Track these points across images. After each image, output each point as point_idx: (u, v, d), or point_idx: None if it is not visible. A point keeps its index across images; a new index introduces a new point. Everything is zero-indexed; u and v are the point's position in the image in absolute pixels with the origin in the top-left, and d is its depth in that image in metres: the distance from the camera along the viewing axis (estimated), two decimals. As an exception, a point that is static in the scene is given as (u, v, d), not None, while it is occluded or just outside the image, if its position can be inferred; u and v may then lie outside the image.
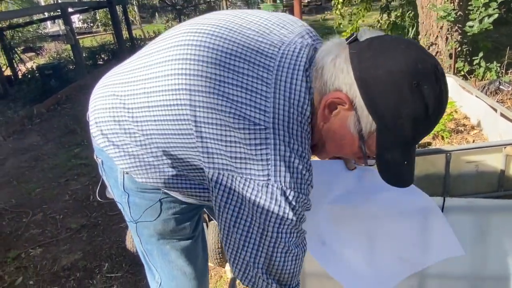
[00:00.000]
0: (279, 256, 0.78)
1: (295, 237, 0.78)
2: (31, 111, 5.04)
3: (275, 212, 0.75)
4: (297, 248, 0.80)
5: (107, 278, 2.04)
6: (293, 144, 0.73)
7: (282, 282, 0.81)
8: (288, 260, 0.79)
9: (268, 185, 0.73)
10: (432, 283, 1.25)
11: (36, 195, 3.07)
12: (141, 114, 0.81)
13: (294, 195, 0.74)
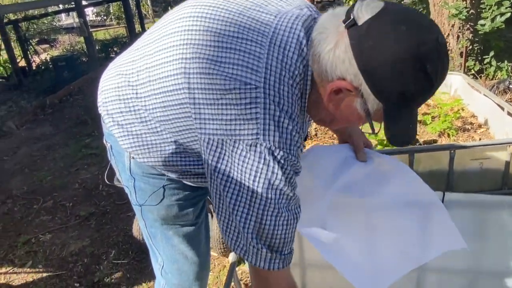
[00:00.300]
0: (269, 219, 0.77)
1: (285, 200, 0.77)
2: (44, 101, 5.13)
3: (264, 172, 0.74)
4: (288, 212, 0.79)
5: (113, 265, 2.09)
6: (282, 105, 0.73)
7: (273, 248, 0.79)
8: (278, 224, 0.78)
9: (257, 144, 0.73)
10: (431, 277, 1.26)
11: (47, 183, 3.14)
12: (144, 90, 0.84)
13: (283, 155, 0.74)
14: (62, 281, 2.04)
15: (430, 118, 2.13)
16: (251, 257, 0.80)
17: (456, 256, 1.20)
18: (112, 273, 2.03)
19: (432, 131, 2.00)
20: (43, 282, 2.03)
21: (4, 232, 2.53)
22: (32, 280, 2.06)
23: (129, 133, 0.90)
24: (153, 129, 0.87)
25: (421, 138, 2.04)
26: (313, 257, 1.28)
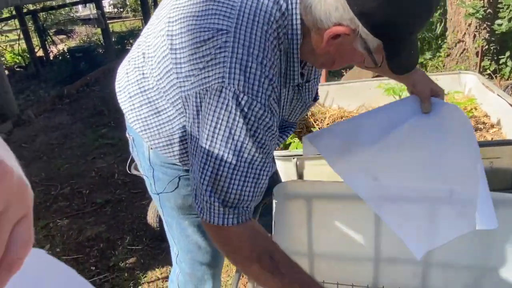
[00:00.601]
0: (225, 171, 0.74)
1: (246, 154, 0.74)
2: (62, 91, 5.24)
3: (225, 120, 0.72)
4: (250, 166, 0.75)
5: (128, 250, 2.16)
6: (252, 49, 0.72)
7: (227, 204, 0.76)
8: (235, 178, 0.75)
9: (222, 89, 0.72)
10: (437, 272, 1.29)
11: (64, 171, 3.23)
12: (147, 68, 0.87)
13: (248, 101, 0.72)
14: (79, 264, 2.12)
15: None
16: (205, 214, 0.78)
17: (462, 252, 1.23)
18: (126, 258, 2.10)
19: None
20: (61, 265, 2.11)
21: (24, 216, 2.62)
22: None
23: (139, 118, 0.94)
24: (159, 108, 0.88)
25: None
26: (321, 248, 1.32)
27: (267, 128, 0.76)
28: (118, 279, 1.96)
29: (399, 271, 1.29)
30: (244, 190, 0.76)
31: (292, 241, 1.32)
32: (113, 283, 1.93)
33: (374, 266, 1.31)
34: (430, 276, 1.29)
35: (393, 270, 1.30)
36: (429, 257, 1.25)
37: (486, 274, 1.25)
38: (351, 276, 1.33)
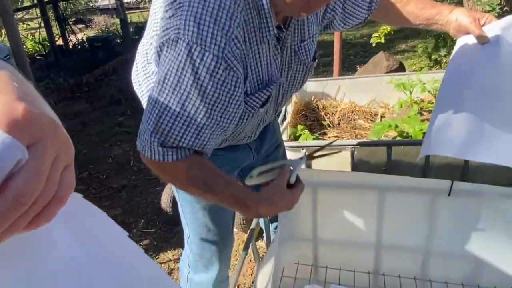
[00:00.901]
0: (167, 118, 0.76)
1: (191, 105, 0.76)
2: (81, 80, 5.38)
3: (175, 68, 0.74)
4: (192, 118, 0.77)
5: (142, 233, 2.26)
6: (208, 4, 0.73)
7: (165, 145, 0.79)
8: (177, 125, 0.77)
9: (178, 39, 0.74)
10: (437, 261, 1.34)
11: (82, 156, 3.35)
12: (150, 52, 0.94)
13: (200, 51, 0.73)
14: (96, 244, 2.23)
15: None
16: (146, 151, 0.81)
17: (462, 242, 1.28)
18: (140, 240, 2.20)
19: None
20: (79, 244, 2.22)
21: (44, 198, 2.75)
22: (70, 242, 2.26)
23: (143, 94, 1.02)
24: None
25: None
26: (325, 234, 1.38)
27: (221, 82, 0.76)
28: (132, 259, 2.05)
29: (400, 258, 1.35)
30: (184, 137, 0.79)
31: (298, 226, 1.38)
32: (128, 262, 2.03)
33: (376, 253, 1.37)
34: (429, 264, 1.34)
35: (394, 257, 1.35)
36: (429, 245, 1.31)
37: (485, 266, 1.30)
38: (353, 261, 1.38)
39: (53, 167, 0.29)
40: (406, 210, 1.28)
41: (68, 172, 0.31)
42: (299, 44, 0.97)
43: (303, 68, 1.03)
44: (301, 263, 1.42)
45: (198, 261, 1.24)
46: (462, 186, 1.21)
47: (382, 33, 3.79)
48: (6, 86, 0.29)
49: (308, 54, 1.01)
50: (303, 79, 1.07)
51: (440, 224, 1.27)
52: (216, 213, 1.20)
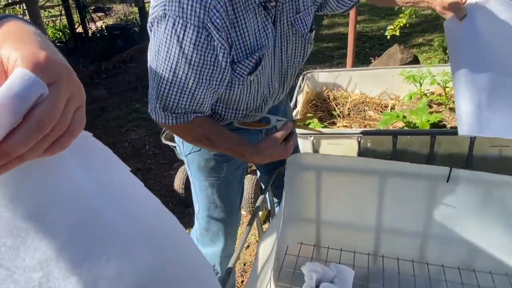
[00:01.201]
0: (164, 85, 0.89)
1: (181, 72, 0.86)
2: (100, 66, 5.51)
3: (164, 41, 0.84)
4: (184, 83, 0.88)
5: (155, 213, 2.37)
6: None
7: (166, 109, 0.93)
8: (172, 91, 0.89)
9: (165, 15, 0.83)
10: (434, 245, 1.39)
11: (100, 140, 3.47)
12: None
13: (183, 24, 0.81)
14: (112, 222, 2.34)
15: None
16: (153, 115, 0.96)
17: (457, 228, 1.34)
18: (154, 219, 2.30)
19: (459, 118, 2.07)
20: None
21: (64, 178, 2.88)
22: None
23: None
24: None
25: (449, 124, 2.12)
26: (328, 216, 1.45)
27: (204, 49, 0.85)
28: (146, 236, 2.16)
29: (399, 241, 1.40)
30: (180, 101, 0.91)
31: (302, 208, 1.45)
32: (141, 239, 2.14)
33: (376, 235, 1.43)
34: (427, 248, 1.39)
35: (393, 240, 1.41)
36: (427, 230, 1.36)
37: (481, 251, 1.35)
38: (354, 243, 1.45)
39: (67, 104, 0.36)
40: (405, 195, 1.33)
41: (80, 111, 0.38)
42: (294, 16, 1.03)
43: (302, 40, 1.08)
44: (304, 243, 1.49)
45: (205, 235, 1.32)
46: (460, 173, 1.26)
47: (397, 25, 3.77)
48: (31, 38, 0.37)
49: (304, 25, 1.06)
50: (304, 52, 1.11)
51: (438, 209, 1.32)
52: (224, 192, 1.28)
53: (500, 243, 1.31)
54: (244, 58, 0.94)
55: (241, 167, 1.30)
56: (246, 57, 0.94)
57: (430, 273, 1.35)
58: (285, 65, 1.09)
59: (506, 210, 1.27)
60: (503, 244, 1.31)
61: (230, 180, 1.27)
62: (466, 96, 1.06)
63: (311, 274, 1.27)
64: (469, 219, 1.30)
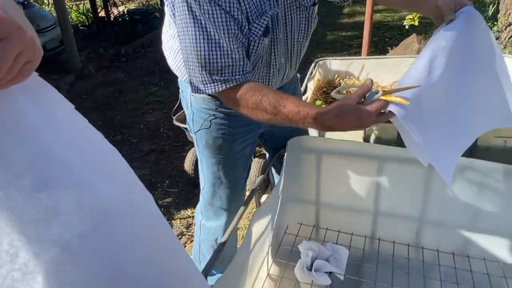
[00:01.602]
0: (202, 50, 0.94)
1: (212, 31, 0.93)
2: (120, 50, 5.62)
3: (187, 12, 0.93)
4: (219, 38, 0.93)
5: (166, 192, 2.46)
6: None
7: (212, 73, 0.96)
8: (211, 50, 0.94)
9: None
10: (429, 230, 1.42)
11: (117, 121, 3.59)
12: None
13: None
14: (124, 199, 2.45)
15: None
16: (202, 89, 0.99)
17: (453, 215, 1.36)
18: (164, 198, 2.40)
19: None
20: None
21: (81, 155, 3.00)
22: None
23: (174, 61, 1.17)
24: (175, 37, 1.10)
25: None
26: (327, 198, 1.49)
27: (222, 10, 0.93)
28: (155, 213, 2.25)
29: (395, 225, 1.44)
30: (221, 60, 0.95)
31: (302, 190, 1.50)
32: (151, 216, 2.23)
33: (373, 218, 1.47)
34: (423, 232, 1.42)
35: (390, 224, 1.45)
36: (423, 215, 1.39)
37: (475, 238, 1.37)
38: (352, 226, 1.49)
39: (16, 58, 0.40)
40: (403, 180, 1.36)
41: (29, 64, 0.42)
42: None
43: (306, 15, 1.12)
44: (304, 224, 1.55)
45: (209, 209, 1.38)
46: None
47: (417, 15, 3.72)
48: None
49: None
50: (307, 27, 1.15)
51: (435, 195, 1.35)
52: (229, 169, 1.33)
53: (495, 231, 1.33)
54: (258, 18, 0.99)
55: (248, 147, 1.34)
56: (259, 16, 0.99)
57: (424, 257, 1.39)
58: (289, 40, 1.13)
59: (500, 198, 1.29)
60: (498, 232, 1.33)
61: (236, 159, 1.33)
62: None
63: (307, 252, 1.33)
64: (465, 206, 1.33)
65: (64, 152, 0.42)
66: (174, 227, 2.14)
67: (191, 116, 1.27)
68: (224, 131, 1.24)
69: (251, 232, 1.12)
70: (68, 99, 0.47)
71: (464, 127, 1.07)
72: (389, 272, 1.32)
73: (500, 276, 1.28)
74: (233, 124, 1.23)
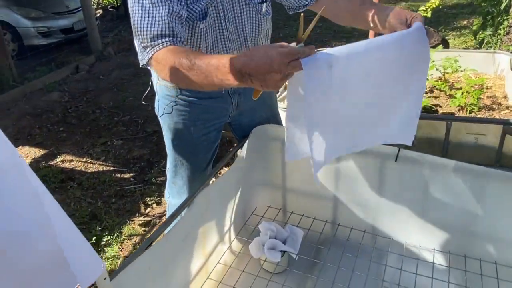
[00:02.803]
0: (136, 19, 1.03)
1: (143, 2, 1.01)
2: (139, 33, 5.79)
3: None
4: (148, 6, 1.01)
5: (161, 171, 2.61)
6: None
7: (143, 41, 1.03)
8: (143, 19, 1.02)
9: None
10: (384, 219, 1.49)
11: (127, 102, 3.77)
12: None
13: None
14: (123, 174, 2.63)
15: (460, 93, 2.20)
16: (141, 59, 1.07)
17: (404, 205, 1.42)
18: (159, 176, 2.56)
19: (452, 105, 2.09)
20: (109, 173, 2.64)
21: (90, 133, 3.21)
22: (102, 170, 2.69)
23: None
24: None
25: (442, 110, 2.14)
26: (292, 184, 1.59)
27: None
28: (148, 190, 2.42)
29: (354, 212, 1.52)
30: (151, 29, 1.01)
31: (270, 175, 1.60)
32: (144, 192, 2.41)
33: (334, 205, 1.55)
34: (379, 221, 1.50)
35: (349, 211, 1.53)
36: (379, 204, 1.46)
37: (426, 229, 1.43)
38: (314, 211, 1.58)
39: None
40: (358, 170, 1.44)
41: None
42: None
43: (255, 12, 1.19)
44: (272, 207, 1.65)
45: (173, 187, 1.50)
46: (407, 153, 1.35)
47: (430, 7, 3.67)
48: None
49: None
50: (258, 24, 1.22)
51: (388, 186, 1.42)
52: (189, 153, 1.42)
53: (442, 221, 1.39)
54: (195, 2, 1.08)
55: (211, 133, 1.42)
56: (195, 1, 1.08)
57: (376, 243, 1.47)
58: (241, 33, 1.21)
59: (447, 191, 1.34)
60: (444, 221, 1.39)
61: (197, 144, 1.41)
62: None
63: (266, 231, 1.44)
64: (416, 197, 1.39)
65: None
66: (162, 204, 2.30)
67: (157, 101, 1.38)
68: (184, 117, 1.33)
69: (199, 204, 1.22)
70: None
71: (360, 128, 1.06)
72: (339, 255, 1.41)
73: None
74: (193, 111, 1.33)
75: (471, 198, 1.30)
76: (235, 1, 1.16)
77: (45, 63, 4.73)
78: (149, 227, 2.16)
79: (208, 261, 1.37)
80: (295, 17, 6.20)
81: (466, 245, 1.36)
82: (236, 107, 1.42)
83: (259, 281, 1.32)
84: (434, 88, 2.32)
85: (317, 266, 1.42)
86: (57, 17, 5.40)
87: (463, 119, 1.74)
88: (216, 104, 1.37)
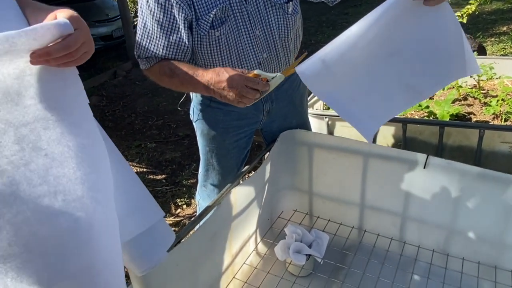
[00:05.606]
0: (139, 36, 1.14)
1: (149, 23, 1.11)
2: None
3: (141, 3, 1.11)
4: (152, 30, 1.11)
5: (192, 173, 2.68)
6: None
7: (140, 55, 1.16)
8: (143, 39, 1.13)
9: None
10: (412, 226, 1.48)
11: (162, 107, 3.89)
12: None
13: None
14: (155, 175, 2.72)
15: (495, 101, 2.14)
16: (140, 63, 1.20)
17: (433, 213, 1.41)
18: (189, 178, 2.63)
19: (486, 113, 2.04)
20: (142, 174, 2.74)
21: (125, 136, 3.35)
22: (136, 171, 2.78)
23: None
24: None
25: (476, 118, 2.09)
26: (319, 189, 1.60)
27: (164, 7, 1.08)
28: (179, 191, 2.49)
29: (381, 219, 1.51)
30: (142, 38, 1.15)
31: (297, 179, 1.62)
32: (174, 193, 2.48)
33: (360, 211, 1.55)
34: (406, 228, 1.49)
35: (376, 217, 1.53)
36: (406, 211, 1.46)
37: (455, 237, 1.41)
38: (341, 216, 1.59)
39: (81, 45, 0.61)
40: (386, 176, 1.44)
41: (87, 53, 0.63)
42: None
43: (282, 12, 1.20)
44: (298, 211, 1.67)
45: (204, 190, 1.55)
46: (436, 161, 1.34)
47: (466, 12, 3.59)
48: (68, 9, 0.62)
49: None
50: (286, 24, 1.23)
51: (416, 192, 1.41)
52: (222, 158, 1.46)
53: (474, 232, 1.37)
54: (206, 14, 1.12)
55: (242, 140, 1.46)
56: (207, 13, 1.12)
57: (404, 251, 1.45)
58: (270, 37, 1.21)
59: (476, 200, 1.32)
60: (477, 233, 1.36)
61: (229, 149, 1.45)
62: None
63: (292, 235, 1.46)
64: (445, 205, 1.37)
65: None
66: (192, 205, 2.37)
67: (192, 107, 1.44)
68: (217, 123, 1.37)
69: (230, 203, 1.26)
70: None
71: (395, 94, 1.12)
72: (365, 261, 1.41)
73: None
74: (226, 118, 1.37)
75: (502, 208, 1.27)
76: (260, 4, 1.17)
77: (86, 69, 4.96)
78: (179, 227, 2.23)
79: (234, 262, 1.40)
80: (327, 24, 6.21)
81: (497, 255, 1.33)
82: (267, 114, 1.44)
83: (284, 283, 1.34)
84: (468, 95, 2.26)
85: (342, 271, 1.42)
86: (97, 25, 5.66)
87: (496, 127, 1.69)
88: (248, 111, 1.39)
